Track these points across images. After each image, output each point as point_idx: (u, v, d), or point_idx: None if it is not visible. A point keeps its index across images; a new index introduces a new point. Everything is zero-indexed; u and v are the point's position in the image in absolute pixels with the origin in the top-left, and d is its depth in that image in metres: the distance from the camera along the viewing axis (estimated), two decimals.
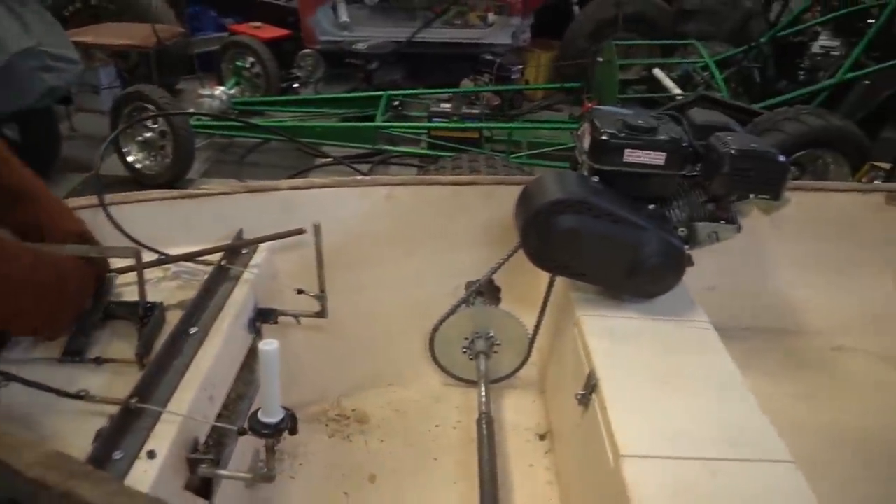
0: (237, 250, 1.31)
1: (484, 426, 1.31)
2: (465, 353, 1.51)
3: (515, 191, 1.29)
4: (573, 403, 1.14)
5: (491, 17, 4.53)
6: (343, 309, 1.41)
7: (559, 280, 1.33)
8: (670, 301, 1.26)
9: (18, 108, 2.68)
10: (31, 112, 2.75)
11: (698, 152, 1.22)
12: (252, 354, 1.31)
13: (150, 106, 2.83)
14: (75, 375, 0.99)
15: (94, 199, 1.21)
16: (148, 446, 0.86)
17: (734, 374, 1.10)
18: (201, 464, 0.93)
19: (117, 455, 0.84)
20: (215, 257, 1.26)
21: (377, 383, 1.55)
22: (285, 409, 0.91)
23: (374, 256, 1.50)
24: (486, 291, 1.59)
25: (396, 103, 3.75)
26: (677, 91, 3.21)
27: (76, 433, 0.88)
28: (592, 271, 1.23)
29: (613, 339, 1.16)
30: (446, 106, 3.40)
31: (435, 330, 1.48)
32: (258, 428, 0.88)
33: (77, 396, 0.92)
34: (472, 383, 1.52)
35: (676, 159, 1.20)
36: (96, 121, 3.84)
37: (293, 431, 0.93)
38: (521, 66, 4.37)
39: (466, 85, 4.08)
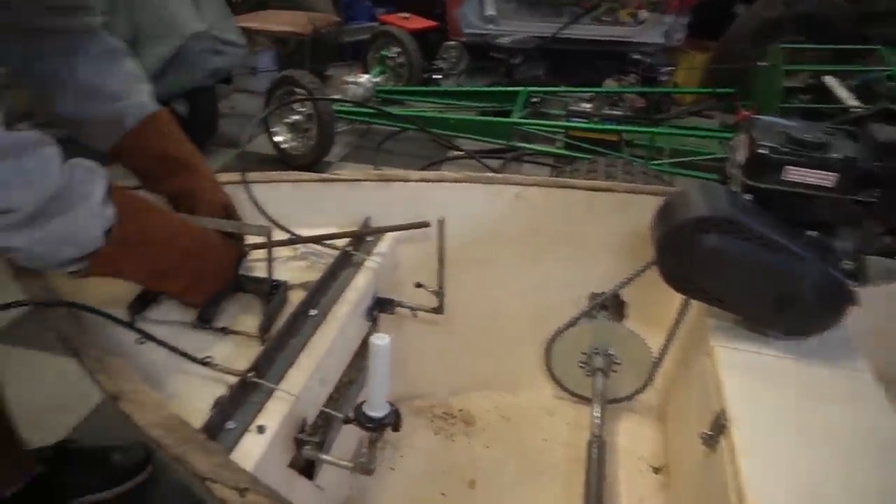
0: (362, 237, 1.32)
1: (595, 449, 1.23)
2: (581, 367, 1.44)
3: (654, 202, 1.19)
4: (697, 442, 1.03)
5: (643, 14, 4.30)
6: (461, 307, 1.39)
7: (694, 303, 1.22)
8: (824, 342, 1.10)
9: (189, 87, 2.93)
10: (196, 90, 3.00)
11: (878, 175, 1.05)
12: (365, 342, 1.32)
13: (299, 90, 2.99)
14: (204, 342, 1.04)
15: (236, 176, 1.27)
16: (259, 420, 0.89)
17: None
18: (306, 445, 0.94)
19: (230, 425, 0.87)
20: (341, 242, 1.28)
21: (488, 386, 1.52)
22: (391, 404, 0.90)
23: (498, 257, 1.46)
24: (611, 306, 1.50)
25: (536, 100, 3.68)
26: (853, 103, 2.86)
27: (197, 396, 0.93)
28: (735, 299, 1.11)
29: (752, 377, 1.04)
30: (587, 106, 3.27)
31: (553, 339, 1.42)
32: (362, 420, 0.87)
33: (202, 362, 0.96)
34: (586, 400, 1.44)
35: (849, 181, 1.05)
36: (252, 101, 4.14)
37: (396, 428, 0.91)
38: (671, 68, 4.11)
39: (610, 85, 3.91)
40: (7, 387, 1.29)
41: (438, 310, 1.30)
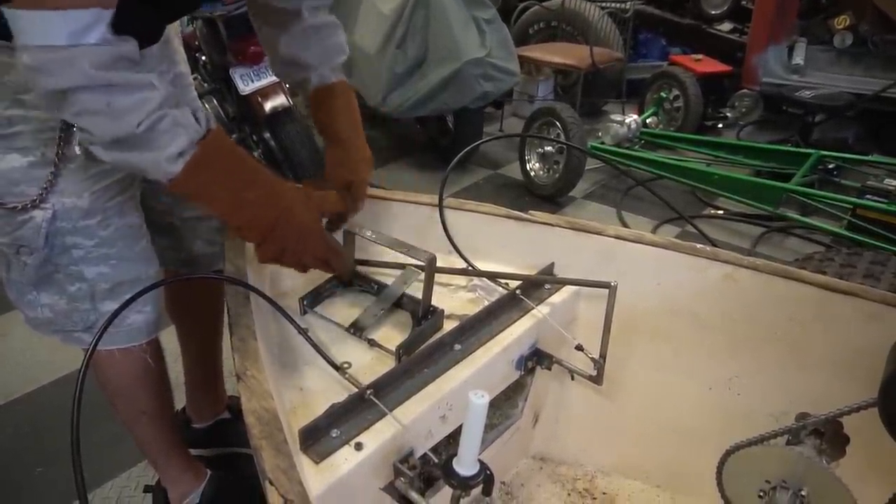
0: (537, 284, 1.28)
1: None
2: (760, 497, 1.19)
3: None
4: None
5: None
6: (631, 381, 1.27)
7: None
8: None
9: (458, 107, 3.16)
10: (465, 110, 3.21)
11: None
12: (515, 388, 1.28)
13: (557, 123, 3.01)
14: (350, 348, 1.11)
15: (433, 199, 1.33)
16: (362, 437, 0.92)
17: None
18: (401, 476, 0.94)
19: (334, 433, 0.91)
20: (514, 283, 1.25)
21: (643, 477, 1.35)
22: (483, 465, 0.85)
23: (688, 338, 1.29)
24: (829, 436, 1.21)
25: (831, 166, 3.14)
26: None
27: (324, 396, 0.99)
28: None
29: None
30: (893, 182, 2.69)
31: (733, 450, 1.20)
32: (449, 475, 0.84)
33: (338, 367, 1.02)
34: None
35: None
36: (521, 126, 4.30)
37: (486, 492, 0.86)
38: None
39: None
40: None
41: (596, 379, 1.19)
